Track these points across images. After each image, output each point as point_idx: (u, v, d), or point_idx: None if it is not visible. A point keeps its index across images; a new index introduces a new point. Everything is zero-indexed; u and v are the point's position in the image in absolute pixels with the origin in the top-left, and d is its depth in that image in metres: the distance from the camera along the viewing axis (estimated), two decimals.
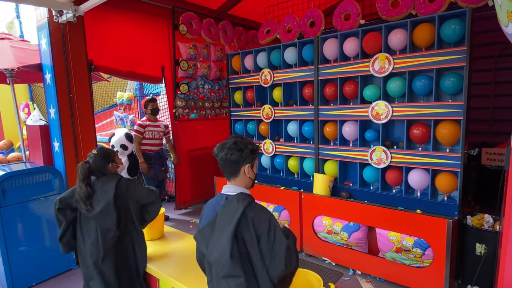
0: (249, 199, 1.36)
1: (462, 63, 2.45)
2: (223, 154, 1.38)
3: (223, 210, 1.35)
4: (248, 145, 1.39)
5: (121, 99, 5.47)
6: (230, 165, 1.39)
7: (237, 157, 1.37)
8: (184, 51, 4.44)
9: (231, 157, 1.36)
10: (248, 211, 1.30)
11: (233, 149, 1.37)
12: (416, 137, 2.73)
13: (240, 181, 1.42)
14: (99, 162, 1.95)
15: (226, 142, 1.40)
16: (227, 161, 1.38)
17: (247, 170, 1.40)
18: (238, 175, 1.40)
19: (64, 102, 3.24)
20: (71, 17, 3.03)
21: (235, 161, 1.37)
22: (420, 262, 2.58)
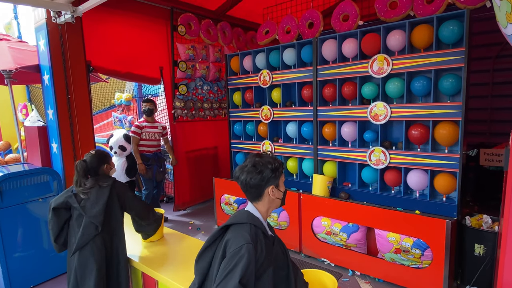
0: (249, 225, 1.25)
1: (460, 64, 2.45)
2: (243, 178, 1.29)
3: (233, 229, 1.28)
4: (268, 165, 1.29)
5: (120, 100, 5.46)
6: (251, 190, 1.30)
7: (258, 181, 1.27)
8: (183, 52, 4.44)
9: (251, 181, 1.27)
10: (230, 230, 1.25)
11: (252, 172, 1.27)
12: (415, 138, 2.74)
13: (264, 203, 1.33)
14: (95, 163, 2.04)
15: (246, 164, 1.31)
16: (247, 186, 1.29)
17: (271, 192, 1.31)
18: (261, 199, 1.32)
19: (62, 103, 3.23)
20: (69, 18, 3.02)
21: (256, 186, 1.28)
22: (419, 262, 2.58)
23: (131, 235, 2.48)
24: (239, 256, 1.15)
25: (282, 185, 1.37)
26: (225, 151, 5.19)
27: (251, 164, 1.28)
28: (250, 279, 1.13)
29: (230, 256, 1.16)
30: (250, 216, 1.30)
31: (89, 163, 2.03)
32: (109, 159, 2.12)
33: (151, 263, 2.10)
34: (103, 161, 2.08)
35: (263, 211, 1.35)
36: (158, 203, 4.50)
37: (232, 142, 4.24)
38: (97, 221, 1.95)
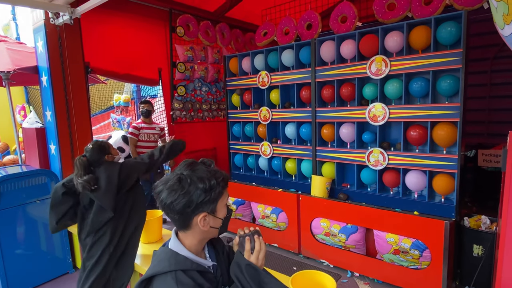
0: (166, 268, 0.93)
1: (458, 65, 2.46)
2: (162, 197, 0.92)
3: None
4: (199, 184, 0.90)
5: (118, 101, 5.45)
6: (174, 216, 0.93)
7: (182, 207, 0.90)
8: (181, 53, 4.44)
9: (173, 205, 0.90)
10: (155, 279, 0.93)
11: (175, 192, 0.90)
12: (413, 139, 2.74)
13: (194, 235, 0.97)
14: (96, 156, 1.94)
15: (169, 178, 0.94)
16: (168, 210, 0.92)
17: (201, 222, 0.93)
18: (189, 228, 0.95)
19: (60, 104, 3.22)
20: (67, 20, 3.02)
21: (180, 212, 0.91)
22: (418, 263, 2.58)
23: None
24: None
25: (223, 208, 0.99)
26: (223, 152, 5.18)
27: (176, 179, 0.91)
28: None
29: None
30: (173, 258, 0.94)
31: (90, 157, 1.93)
32: (110, 148, 2.02)
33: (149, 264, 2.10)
34: (104, 152, 1.98)
35: (194, 244, 0.98)
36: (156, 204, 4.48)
37: (231, 143, 4.24)
38: (109, 204, 1.87)
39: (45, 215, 3.04)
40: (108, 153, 2.00)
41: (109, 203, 1.88)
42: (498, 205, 3.40)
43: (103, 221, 1.90)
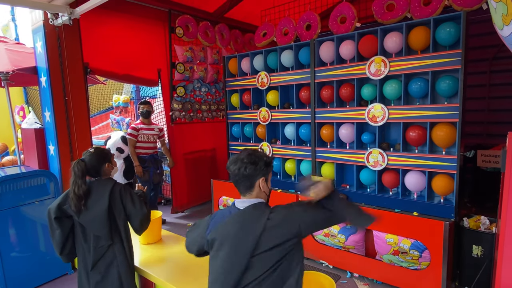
0: (267, 207, 1.32)
1: (457, 65, 2.46)
2: (236, 167, 1.32)
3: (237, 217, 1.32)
4: (263, 157, 1.34)
5: (117, 102, 5.45)
6: (244, 179, 1.33)
7: (251, 171, 1.31)
8: (181, 54, 4.44)
9: (245, 171, 1.31)
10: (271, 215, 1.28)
11: (246, 163, 1.31)
12: (413, 140, 2.74)
13: (255, 196, 1.36)
14: (95, 162, 1.85)
15: (240, 155, 1.35)
16: (240, 175, 1.32)
17: (262, 184, 1.34)
18: (253, 190, 1.35)
19: (59, 105, 3.22)
20: (66, 20, 3.01)
21: (249, 175, 1.32)
22: (417, 264, 2.57)
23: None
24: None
25: (269, 182, 1.41)
26: (223, 153, 5.18)
27: (246, 154, 1.33)
28: None
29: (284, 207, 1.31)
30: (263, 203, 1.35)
31: (88, 162, 1.83)
32: (111, 157, 1.95)
33: (148, 266, 2.09)
34: (104, 160, 1.89)
35: None
36: (156, 205, 4.48)
37: (230, 144, 4.24)
38: (103, 233, 1.81)
39: (43, 216, 3.02)
40: (109, 162, 1.92)
41: (103, 229, 1.81)
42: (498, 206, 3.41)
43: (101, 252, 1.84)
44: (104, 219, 1.80)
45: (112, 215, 1.85)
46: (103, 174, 1.90)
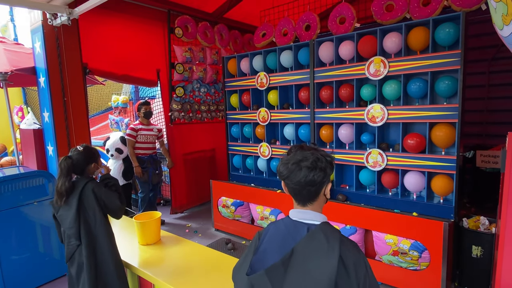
0: (339, 234, 1.03)
1: (456, 66, 2.46)
2: (301, 176, 1.04)
3: (306, 247, 1.00)
4: (328, 159, 1.09)
5: (116, 102, 5.44)
6: (310, 189, 1.06)
7: (321, 179, 1.06)
8: (180, 54, 4.43)
9: (314, 178, 1.04)
10: (344, 253, 0.97)
11: (314, 169, 1.04)
12: (411, 147, 2.73)
13: (317, 205, 1.10)
14: (81, 161, 1.86)
15: (300, 158, 1.06)
16: (306, 185, 1.05)
17: (328, 190, 1.11)
18: (316, 199, 1.09)
19: (58, 105, 3.21)
20: (65, 20, 3.01)
21: (318, 183, 1.06)
22: (417, 265, 2.57)
23: (127, 239, 2.46)
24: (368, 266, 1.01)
25: None
26: (222, 153, 5.17)
27: (312, 159, 1.05)
28: None
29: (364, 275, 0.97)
30: (331, 226, 1.06)
31: (75, 160, 1.84)
32: (98, 157, 1.94)
33: (147, 267, 2.09)
34: (91, 159, 1.89)
35: (319, 212, 1.12)
36: (155, 206, 4.47)
37: (230, 145, 4.23)
38: (71, 232, 1.80)
39: (42, 217, 3.02)
40: (95, 162, 1.91)
41: (71, 228, 1.80)
42: (497, 206, 3.41)
43: (72, 250, 1.83)
44: (73, 218, 1.80)
45: (82, 216, 1.83)
46: (87, 173, 1.91)
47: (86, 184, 1.84)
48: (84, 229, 1.83)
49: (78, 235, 1.82)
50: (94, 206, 1.84)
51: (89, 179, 1.89)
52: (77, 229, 1.81)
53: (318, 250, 0.98)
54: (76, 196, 1.81)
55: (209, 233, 4.14)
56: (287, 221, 1.11)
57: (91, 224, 1.85)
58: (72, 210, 1.80)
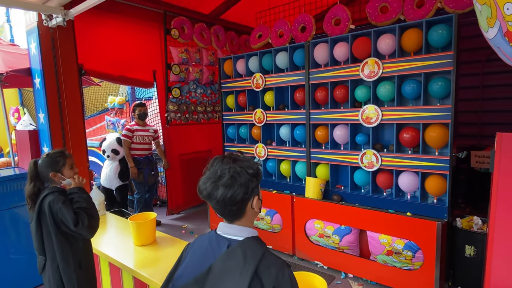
0: (262, 251, 0.97)
1: (449, 67, 2.49)
2: (219, 195, 0.96)
3: (222, 265, 0.95)
4: (249, 170, 1.00)
5: (113, 103, 5.44)
6: (232, 209, 0.99)
7: (242, 195, 0.98)
8: (176, 55, 4.44)
9: (235, 196, 0.96)
10: (264, 273, 0.92)
11: (232, 187, 0.96)
12: (406, 141, 2.76)
13: (246, 220, 1.04)
14: (43, 167, 1.73)
15: (218, 175, 0.98)
16: (227, 205, 0.98)
17: (255, 203, 1.03)
18: (243, 215, 1.02)
19: (53, 106, 3.21)
20: (61, 22, 3.01)
21: (240, 201, 0.98)
22: (411, 264, 2.59)
23: (122, 240, 2.46)
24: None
25: (260, 193, 1.09)
26: (219, 154, 5.18)
27: (229, 176, 0.97)
28: None
29: None
30: (255, 241, 1.00)
31: (39, 166, 1.72)
32: (61, 167, 1.74)
33: (142, 268, 2.09)
34: (52, 167, 1.72)
35: (250, 227, 1.06)
36: (151, 207, 4.47)
37: (226, 145, 4.24)
38: (35, 246, 1.71)
39: None
40: (57, 171, 1.74)
41: (35, 242, 1.70)
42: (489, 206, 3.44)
43: (41, 263, 1.74)
44: (33, 230, 1.71)
45: (45, 229, 1.70)
46: (52, 182, 1.76)
47: (46, 195, 1.69)
48: (48, 243, 1.70)
49: (41, 249, 1.71)
50: (48, 220, 1.66)
51: (53, 189, 1.71)
52: (39, 243, 1.70)
53: (233, 269, 0.92)
54: (37, 206, 1.69)
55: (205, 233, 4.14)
56: (212, 235, 1.06)
57: (53, 239, 1.69)
58: (33, 221, 1.69)
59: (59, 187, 1.76)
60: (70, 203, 1.71)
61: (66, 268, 1.71)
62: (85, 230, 1.69)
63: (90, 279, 1.88)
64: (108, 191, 4.64)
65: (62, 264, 1.71)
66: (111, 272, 2.34)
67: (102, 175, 4.67)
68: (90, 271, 1.88)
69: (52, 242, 1.69)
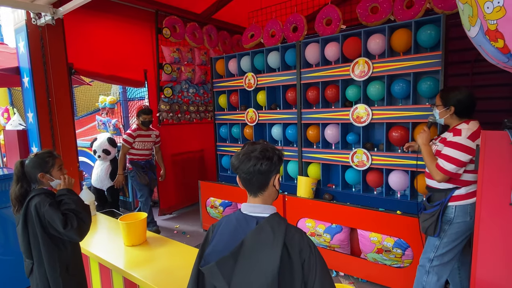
0: (285, 224, 1.11)
1: (437, 67, 2.52)
2: (250, 165, 1.13)
3: (254, 239, 1.08)
4: (276, 151, 1.18)
5: (104, 103, 5.39)
6: (259, 178, 1.14)
7: (268, 167, 1.13)
8: (168, 54, 4.42)
9: (262, 167, 1.12)
10: (289, 242, 1.07)
11: (262, 159, 1.13)
12: (395, 140, 2.79)
13: (267, 196, 1.18)
14: (31, 168, 1.70)
15: (250, 150, 1.16)
16: (255, 173, 1.13)
17: (277, 181, 1.20)
18: (266, 189, 1.17)
19: (42, 106, 3.17)
20: (49, 20, 2.97)
21: (266, 172, 1.14)
22: (401, 262, 2.62)
23: (112, 240, 2.44)
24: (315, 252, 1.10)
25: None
26: (211, 154, 5.18)
27: (260, 149, 1.15)
28: None
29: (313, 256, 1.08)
30: (279, 217, 1.14)
31: (26, 166, 1.70)
32: (49, 168, 1.72)
33: (132, 268, 2.08)
34: (40, 167, 1.69)
35: (271, 203, 1.21)
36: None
37: (218, 145, 4.24)
38: (22, 249, 1.68)
39: None
40: (46, 172, 1.71)
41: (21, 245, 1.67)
42: None
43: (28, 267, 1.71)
44: (20, 233, 1.67)
45: (32, 231, 1.66)
46: (39, 183, 1.73)
47: (33, 197, 1.65)
48: (35, 247, 1.67)
49: (28, 253, 1.68)
50: (34, 223, 1.63)
51: (40, 191, 1.68)
52: (26, 246, 1.67)
53: (265, 242, 1.05)
54: (23, 209, 1.65)
55: (198, 234, 4.13)
56: (238, 215, 1.18)
57: (40, 242, 1.66)
58: (20, 224, 1.65)
59: (46, 189, 1.73)
60: (58, 205, 1.68)
61: (52, 273, 1.68)
62: (74, 233, 1.65)
63: (79, 284, 1.85)
64: (99, 192, 4.60)
65: (48, 268, 1.68)
66: (101, 273, 2.32)
67: (93, 176, 4.62)
68: (78, 276, 1.85)
69: (39, 245, 1.66)
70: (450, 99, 2.09)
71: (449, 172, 1.92)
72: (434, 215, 2.01)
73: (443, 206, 1.98)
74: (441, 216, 1.98)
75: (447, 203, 1.98)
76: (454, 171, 1.91)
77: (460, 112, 2.06)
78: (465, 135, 1.92)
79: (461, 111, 2.06)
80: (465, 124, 2.01)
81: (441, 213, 1.98)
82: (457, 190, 1.97)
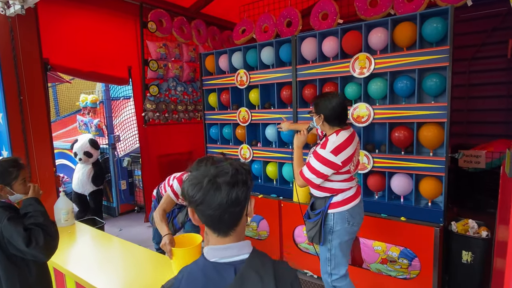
0: (270, 263, 0.87)
1: (445, 63, 2.36)
2: (221, 196, 0.81)
3: None
4: (246, 167, 0.89)
5: (85, 102, 5.06)
6: (234, 212, 0.84)
7: (245, 195, 0.85)
8: (154, 50, 4.15)
9: (239, 196, 0.82)
10: (280, 283, 0.84)
11: (237, 185, 0.83)
12: (398, 141, 2.62)
13: (241, 231, 0.89)
14: None
15: (215, 174, 0.83)
16: (230, 206, 0.82)
17: (251, 208, 0.91)
18: (239, 223, 0.88)
19: (13, 105, 2.87)
20: (19, 10, 2.67)
21: (243, 202, 0.85)
22: (407, 273, 2.44)
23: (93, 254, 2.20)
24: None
25: None
26: (200, 156, 4.92)
27: (233, 172, 0.84)
28: None
29: None
30: (259, 255, 0.89)
31: None
32: (12, 180, 1.55)
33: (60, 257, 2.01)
34: (1, 179, 1.52)
35: None
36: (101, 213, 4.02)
37: (208, 147, 4.00)
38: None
39: None
40: (6, 184, 1.54)
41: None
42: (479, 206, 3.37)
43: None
44: None
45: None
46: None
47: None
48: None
49: None
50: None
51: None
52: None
53: None
54: None
55: None
56: (204, 265, 0.85)
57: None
58: None
59: (4, 201, 1.50)
60: (19, 219, 1.43)
61: None
62: (40, 251, 1.41)
63: None
64: (80, 197, 4.31)
65: None
66: None
67: (74, 180, 4.32)
68: None
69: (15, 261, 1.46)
70: (319, 107, 2.04)
71: (309, 180, 1.97)
72: (317, 224, 2.04)
73: (323, 214, 2.02)
74: (323, 225, 2.01)
75: (327, 210, 2.02)
76: (314, 181, 1.96)
77: (330, 121, 2.02)
78: (328, 148, 1.92)
79: (331, 120, 2.01)
80: (335, 134, 1.98)
81: (322, 221, 2.01)
82: (334, 197, 2.01)
